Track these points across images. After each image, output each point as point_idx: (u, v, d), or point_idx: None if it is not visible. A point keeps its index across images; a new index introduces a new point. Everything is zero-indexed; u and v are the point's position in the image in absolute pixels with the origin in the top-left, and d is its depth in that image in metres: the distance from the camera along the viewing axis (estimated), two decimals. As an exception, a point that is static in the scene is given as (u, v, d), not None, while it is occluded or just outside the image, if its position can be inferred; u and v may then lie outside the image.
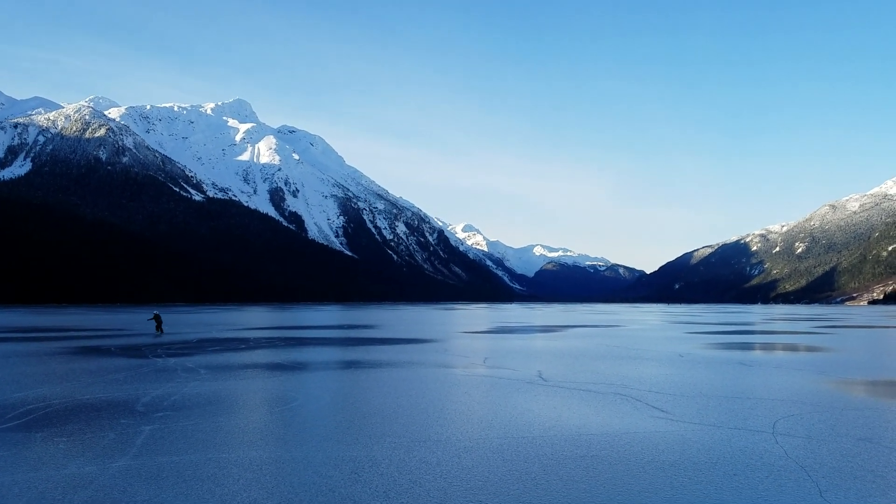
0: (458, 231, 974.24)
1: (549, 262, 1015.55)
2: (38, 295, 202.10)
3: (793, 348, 32.48)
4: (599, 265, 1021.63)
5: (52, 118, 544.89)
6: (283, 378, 18.79)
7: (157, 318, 43.87)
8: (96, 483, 8.14)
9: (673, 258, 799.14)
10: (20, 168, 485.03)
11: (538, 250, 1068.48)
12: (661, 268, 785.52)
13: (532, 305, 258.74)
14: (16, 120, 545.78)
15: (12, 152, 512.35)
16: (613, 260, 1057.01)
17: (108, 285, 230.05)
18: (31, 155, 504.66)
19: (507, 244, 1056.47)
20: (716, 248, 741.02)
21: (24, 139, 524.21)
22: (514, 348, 30.43)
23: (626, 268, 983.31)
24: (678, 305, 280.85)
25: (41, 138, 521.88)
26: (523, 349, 29.96)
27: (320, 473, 8.61)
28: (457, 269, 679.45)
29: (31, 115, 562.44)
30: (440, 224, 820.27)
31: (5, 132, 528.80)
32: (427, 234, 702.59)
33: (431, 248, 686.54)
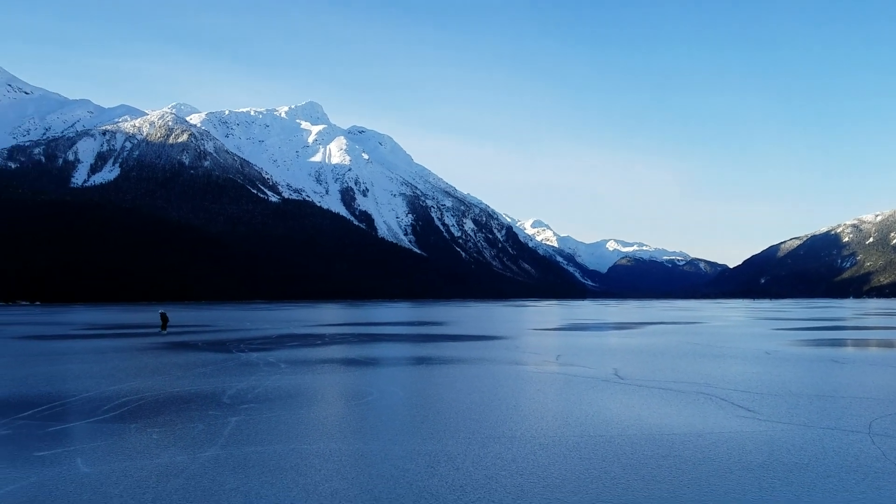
0: (527, 227, 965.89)
1: (623, 258, 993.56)
2: (127, 293, 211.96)
3: (889, 344, 30.90)
4: (678, 259, 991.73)
5: (137, 125, 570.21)
6: (357, 373, 19.15)
7: (164, 317, 43.35)
8: (187, 472, 8.52)
9: (758, 251, 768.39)
10: (109, 173, 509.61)
11: (612, 245, 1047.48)
12: (745, 261, 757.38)
13: (606, 302, 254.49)
14: (104, 127, 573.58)
15: (102, 158, 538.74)
16: (693, 254, 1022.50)
17: (191, 285, 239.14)
18: (119, 160, 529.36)
19: (579, 239, 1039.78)
20: (804, 239, 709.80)
21: (113, 145, 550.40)
22: (588, 345, 30.01)
23: (707, 262, 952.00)
24: (764, 301, 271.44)
25: (128, 144, 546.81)
26: (598, 346, 29.51)
27: (398, 466, 8.75)
28: (526, 265, 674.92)
29: (118, 122, 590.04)
30: (509, 220, 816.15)
31: (95, 139, 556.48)
32: (495, 231, 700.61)
33: (500, 245, 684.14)
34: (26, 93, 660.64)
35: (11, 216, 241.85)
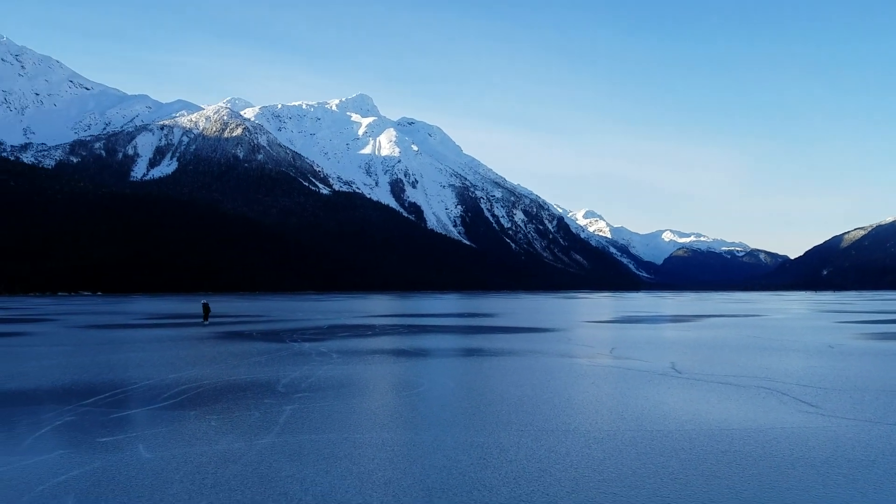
0: (579, 218, 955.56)
1: (679, 249, 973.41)
2: (184, 284, 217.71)
3: (955, 342, 29.61)
4: (737, 251, 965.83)
5: (194, 119, 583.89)
6: (408, 364, 19.24)
7: (206, 308, 43.17)
8: (245, 458, 8.67)
9: (820, 242, 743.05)
10: (167, 167, 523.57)
11: (667, 236, 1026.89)
12: (807, 252, 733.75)
13: (661, 294, 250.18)
14: (162, 122, 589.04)
15: (160, 152, 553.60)
16: (753, 245, 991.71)
17: (245, 276, 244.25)
18: (177, 154, 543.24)
19: (633, 230, 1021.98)
20: (869, 229, 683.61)
21: (170, 140, 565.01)
22: (644, 338, 29.50)
23: (767, 253, 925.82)
24: (827, 293, 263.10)
25: (185, 139, 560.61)
26: (653, 339, 28.99)
27: (450, 457, 8.73)
28: (578, 256, 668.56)
29: (175, 117, 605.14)
30: (560, 211, 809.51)
31: (153, 134, 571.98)
32: (546, 222, 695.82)
33: (551, 236, 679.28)
34: (87, 88, 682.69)
35: (74, 209, 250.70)
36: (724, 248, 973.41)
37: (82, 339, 28.69)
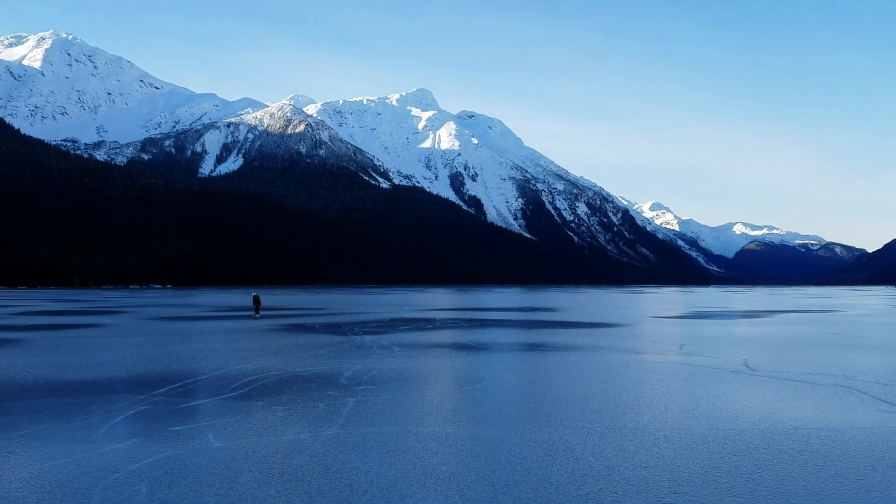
0: (644, 210, 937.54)
1: (751, 242, 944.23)
2: (250, 277, 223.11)
3: None
4: (812, 244, 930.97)
5: (258, 116, 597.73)
6: (469, 358, 19.17)
7: (256, 300, 43.17)
8: (311, 450, 8.75)
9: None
10: (233, 163, 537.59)
11: (738, 228, 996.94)
12: (887, 245, 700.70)
13: (732, 289, 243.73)
14: (229, 120, 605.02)
15: (226, 149, 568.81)
16: (828, 238, 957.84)
17: (308, 269, 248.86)
18: (242, 151, 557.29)
19: (702, 222, 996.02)
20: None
21: (236, 137, 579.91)
22: (714, 334, 28.70)
23: (843, 246, 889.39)
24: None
25: (250, 136, 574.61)
26: (724, 335, 28.15)
27: (514, 453, 8.62)
28: (644, 250, 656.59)
29: (241, 114, 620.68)
30: (625, 203, 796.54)
31: (220, 131, 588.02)
32: (610, 214, 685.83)
33: (615, 229, 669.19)
34: (157, 88, 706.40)
35: (145, 205, 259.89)
36: (797, 242, 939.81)
37: (153, 331, 29.66)
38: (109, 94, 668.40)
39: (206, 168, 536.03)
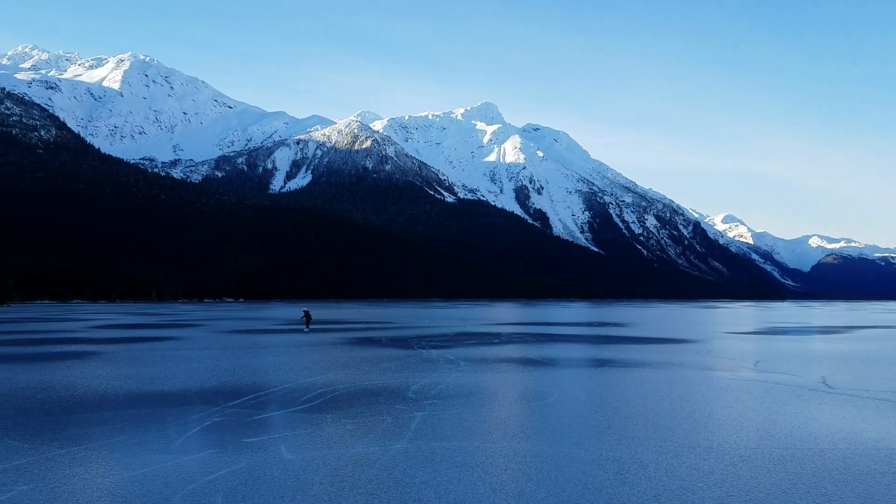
0: (716, 222, 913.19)
1: (828, 255, 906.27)
2: (318, 291, 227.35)
3: None
4: (892, 257, 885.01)
5: (327, 133, 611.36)
6: (537, 373, 18.97)
7: (307, 315, 43.28)
8: (380, 463, 8.82)
9: None
10: (302, 179, 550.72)
11: (814, 241, 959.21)
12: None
13: (808, 303, 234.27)
14: (298, 137, 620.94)
15: (296, 166, 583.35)
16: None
17: (374, 282, 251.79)
18: (311, 167, 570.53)
19: (777, 235, 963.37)
20: None
21: (305, 154, 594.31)
22: (790, 351, 27.67)
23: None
24: None
25: (318, 152, 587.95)
26: (801, 352, 27.11)
27: (585, 471, 8.48)
28: (716, 263, 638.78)
29: (310, 131, 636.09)
30: (696, 216, 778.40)
31: (290, 148, 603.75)
32: (681, 227, 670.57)
33: (686, 242, 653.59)
34: (230, 107, 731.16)
35: (218, 221, 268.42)
36: (877, 255, 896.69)
37: (227, 344, 30.49)
38: (185, 113, 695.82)
39: (277, 184, 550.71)
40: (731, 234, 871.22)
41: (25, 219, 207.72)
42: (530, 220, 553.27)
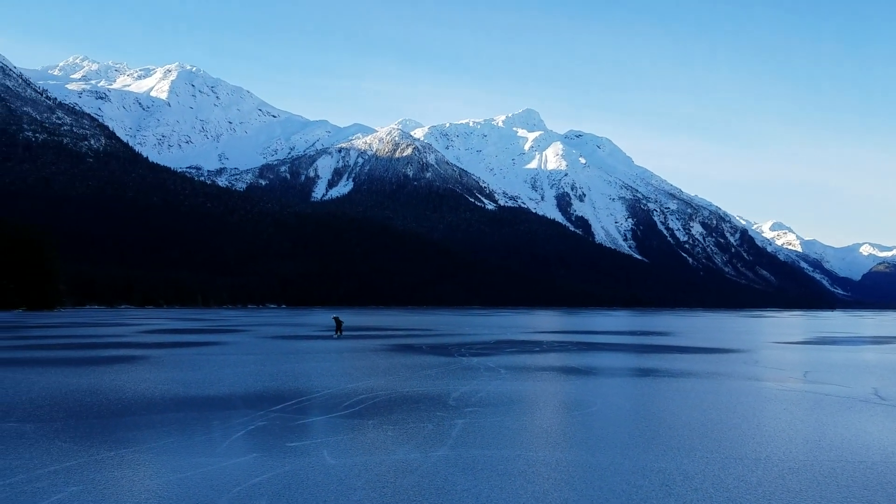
0: (764, 230, 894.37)
1: (879, 263, 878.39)
2: (359, 297, 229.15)
3: None
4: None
5: (368, 142, 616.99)
6: (579, 382, 18.77)
7: (338, 322, 43.18)
8: (421, 470, 8.81)
9: None
10: (344, 187, 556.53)
11: (866, 249, 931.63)
12: None
13: (859, 313, 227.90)
14: (340, 145, 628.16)
15: (338, 174, 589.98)
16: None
17: (414, 289, 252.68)
18: (353, 175, 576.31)
19: (826, 243, 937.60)
20: None
21: (347, 162, 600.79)
22: (841, 361, 26.89)
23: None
24: None
25: (360, 160, 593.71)
26: (852, 362, 26.33)
27: (629, 482, 8.35)
28: (764, 272, 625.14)
29: (351, 140, 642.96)
30: (743, 223, 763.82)
31: (332, 157, 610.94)
32: (727, 235, 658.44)
33: (733, 250, 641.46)
34: (274, 116, 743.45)
35: (262, 228, 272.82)
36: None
37: (270, 349, 30.90)
38: (230, 122, 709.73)
39: (319, 192, 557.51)
40: (779, 242, 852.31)
41: (76, 226, 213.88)
42: (572, 228, 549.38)
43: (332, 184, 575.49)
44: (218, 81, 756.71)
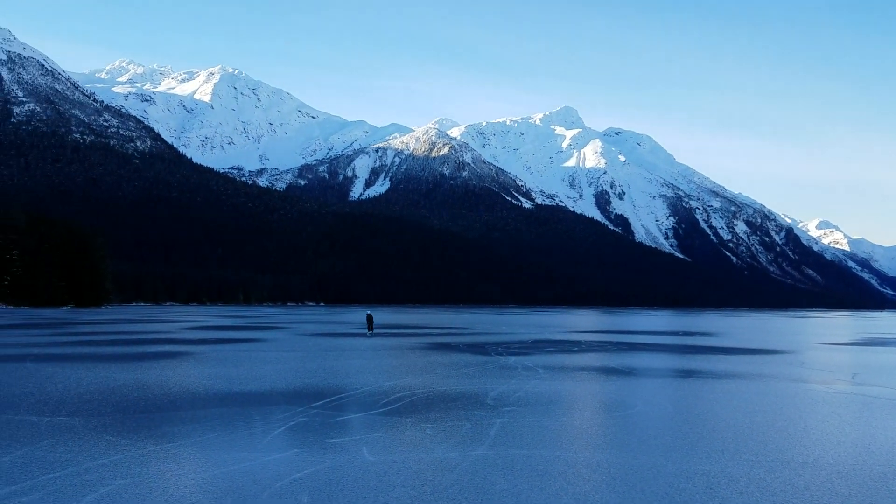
0: (810, 228, 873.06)
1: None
2: (396, 296, 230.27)
3: None
4: None
5: (405, 141, 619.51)
6: (619, 383, 18.56)
7: (370, 319, 43.37)
8: (460, 468, 8.80)
9: None
10: (381, 187, 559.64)
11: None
12: None
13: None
14: (377, 145, 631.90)
15: (375, 173, 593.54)
16: None
17: (451, 288, 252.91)
18: (389, 175, 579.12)
19: (875, 242, 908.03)
20: None
21: (384, 161, 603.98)
22: (890, 363, 26.17)
23: None
24: None
25: (397, 160, 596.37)
26: (900, 365, 25.58)
27: (671, 484, 8.22)
28: (810, 271, 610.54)
29: (388, 139, 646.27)
30: (788, 221, 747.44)
31: (369, 156, 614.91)
32: (772, 233, 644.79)
33: (778, 249, 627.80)
34: (313, 117, 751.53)
35: (301, 227, 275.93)
36: None
37: (309, 346, 31.22)
38: (271, 124, 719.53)
39: (356, 191, 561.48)
40: (825, 241, 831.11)
41: (123, 225, 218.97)
42: (611, 226, 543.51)
43: (369, 183, 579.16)
44: (259, 84, 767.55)
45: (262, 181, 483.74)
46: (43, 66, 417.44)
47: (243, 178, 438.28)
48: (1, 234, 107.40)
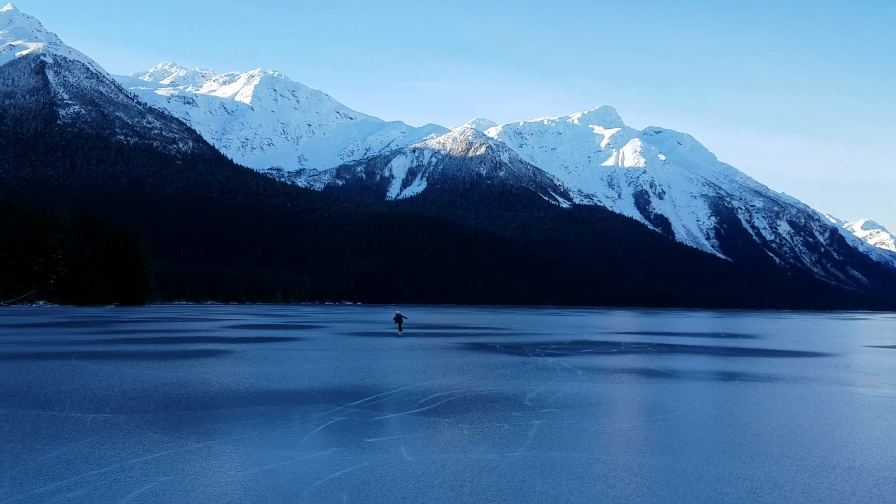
0: (856, 229, 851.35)
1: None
2: (433, 295, 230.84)
3: None
4: None
5: (441, 141, 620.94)
6: (660, 385, 18.29)
7: (399, 318, 43.06)
8: (498, 470, 8.77)
9: None
10: (417, 187, 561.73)
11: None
12: None
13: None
14: (414, 145, 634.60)
15: (412, 173, 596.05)
16: None
17: (487, 288, 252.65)
18: (426, 175, 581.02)
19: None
20: None
21: (421, 161, 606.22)
22: (939, 368, 25.33)
23: None
24: None
25: (433, 160, 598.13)
26: (951, 369, 24.75)
27: (714, 489, 8.07)
28: (855, 272, 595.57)
29: (425, 140, 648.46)
30: (833, 222, 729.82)
31: (406, 157, 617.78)
32: (816, 234, 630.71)
33: (822, 249, 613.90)
34: (350, 118, 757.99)
35: (339, 227, 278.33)
36: None
37: (347, 345, 31.46)
38: (310, 125, 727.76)
39: (393, 191, 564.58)
40: (871, 242, 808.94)
41: (165, 225, 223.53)
42: (650, 226, 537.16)
43: (406, 183, 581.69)
44: (298, 86, 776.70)
45: (301, 182, 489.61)
46: (88, 69, 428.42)
47: (282, 179, 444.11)
48: (47, 233, 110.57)
